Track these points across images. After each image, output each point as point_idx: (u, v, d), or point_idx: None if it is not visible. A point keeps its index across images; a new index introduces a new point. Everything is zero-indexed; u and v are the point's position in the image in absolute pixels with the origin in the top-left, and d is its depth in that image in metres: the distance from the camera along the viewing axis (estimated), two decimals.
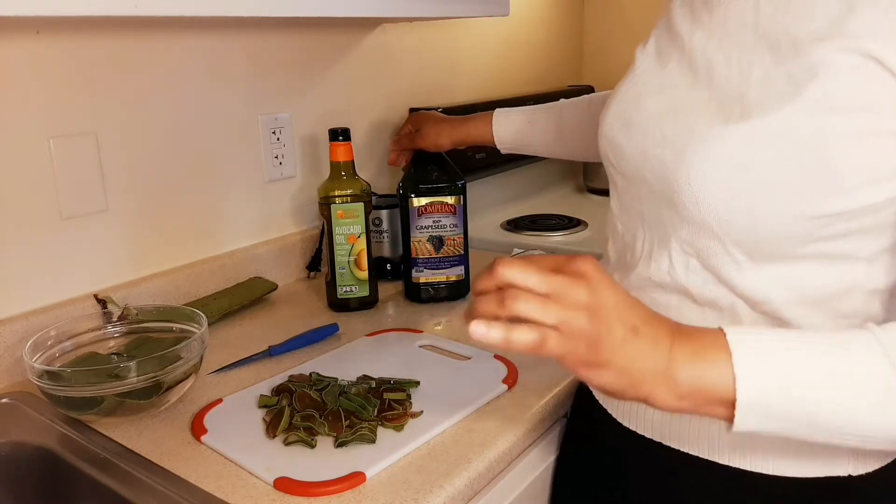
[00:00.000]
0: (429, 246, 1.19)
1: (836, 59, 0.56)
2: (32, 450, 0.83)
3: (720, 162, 0.60)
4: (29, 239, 1.00)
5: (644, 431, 0.74)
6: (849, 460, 0.65)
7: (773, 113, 0.58)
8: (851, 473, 0.65)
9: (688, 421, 0.69)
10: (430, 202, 1.18)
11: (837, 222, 0.59)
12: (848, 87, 0.55)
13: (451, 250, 1.20)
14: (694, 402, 0.53)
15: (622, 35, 2.14)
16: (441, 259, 1.20)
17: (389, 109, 1.53)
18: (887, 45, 0.54)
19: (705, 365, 0.52)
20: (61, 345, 0.91)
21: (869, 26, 0.55)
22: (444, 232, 1.19)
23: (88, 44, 1.03)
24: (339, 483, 0.71)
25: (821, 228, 0.59)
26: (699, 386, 0.52)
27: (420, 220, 1.18)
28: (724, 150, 0.60)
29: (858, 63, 0.55)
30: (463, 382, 0.91)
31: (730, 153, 0.59)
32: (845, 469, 0.65)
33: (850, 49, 0.55)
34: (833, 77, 0.56)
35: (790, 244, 0.60)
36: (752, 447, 0.67)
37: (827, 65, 0.56)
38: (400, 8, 1.10)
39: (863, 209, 0.58)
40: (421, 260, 1.19)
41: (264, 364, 0.99)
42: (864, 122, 0.55)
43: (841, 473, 0.65)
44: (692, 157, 0.61)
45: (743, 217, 0.60)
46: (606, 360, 0.52)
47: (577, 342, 0.51)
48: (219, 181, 1.23)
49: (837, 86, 0.56)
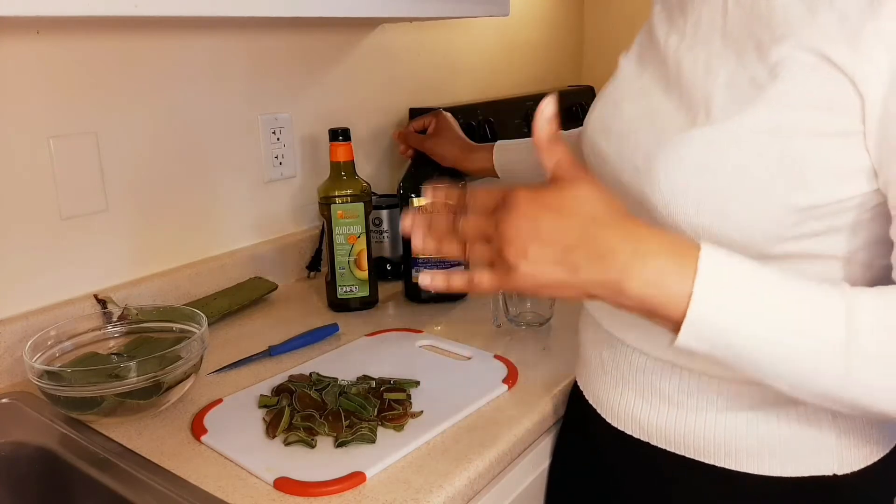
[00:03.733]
0: None
1: (795, 59, 0.56)
2: (32, 450, 0.83)
3: (686, 166, 0.61)
4: (29, 239, 1.00)
5: (632, 432, 0.74)
6: (833, 460, 0.66)
7: (736, 115, 0.59)
8: (836, 472, 0.66)
9: (674, 422, 0.70)
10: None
11: (807, 220, 0.59)
12: (805, 86, 0.56)
13: None
14: (642, 311, 0.56)
15: (622, 35, 2.14)
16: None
17: (389, 109, 1.53)
18: (840, 47, 0.54)
19: (661, 284, 0.54)
20: (61, 345, 0.91)
21: (824, 28, 0.56)
22: None
23: (88, 44, 1.03)
24: (339, 483, 0.71)
25: (791, 227, 0.59)
26: (648, 300, 0.54)
27: None
28: (690, 154, 0.61)
29: (814, 63, 0.56)
30: (463, 382, 0.91)
31: (695, 157, 0.60)
32: (830, 468, 0.66)
33: (806, 49, 0.56)
34: (791, 76, 0.57)
35: (763, 244, 0.60)
36: (738, 448, 0.67)
37: (786, 64, 0.57)
38: (400, 8, 1.10)
39: (829, 206, 0.58)
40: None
41: (264, 364, 0.99)
42: (822, 121, 0.56)
43: (826, 473, 0.66)
44: (660, 163, 0.62)
45: (712, 219, 0.60)
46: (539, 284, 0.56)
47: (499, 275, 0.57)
48: (219, 181, 1.23)
49: (795, 84, 0.57)
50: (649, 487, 0.75)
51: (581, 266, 0.55)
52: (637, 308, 0.56)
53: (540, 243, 0.55)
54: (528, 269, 0.55)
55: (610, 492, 0.80)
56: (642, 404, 0.72)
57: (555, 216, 0.55)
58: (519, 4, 1.85)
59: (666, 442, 0.71)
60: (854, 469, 0.66)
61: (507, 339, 1.05)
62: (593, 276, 0.55)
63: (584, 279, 0.55)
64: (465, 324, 1.11)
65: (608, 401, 0.77)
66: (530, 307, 1.09)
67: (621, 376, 0.75)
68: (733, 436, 0.67)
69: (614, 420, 0.76)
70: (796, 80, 0.56)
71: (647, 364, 0.72)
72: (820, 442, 0.66)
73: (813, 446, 0.66)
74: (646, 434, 0.73)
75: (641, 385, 0.72)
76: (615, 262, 0.54)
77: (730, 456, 0.68)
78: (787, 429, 0.66)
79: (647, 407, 0.72)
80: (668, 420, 0.70)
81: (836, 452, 0.66)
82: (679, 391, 0.69)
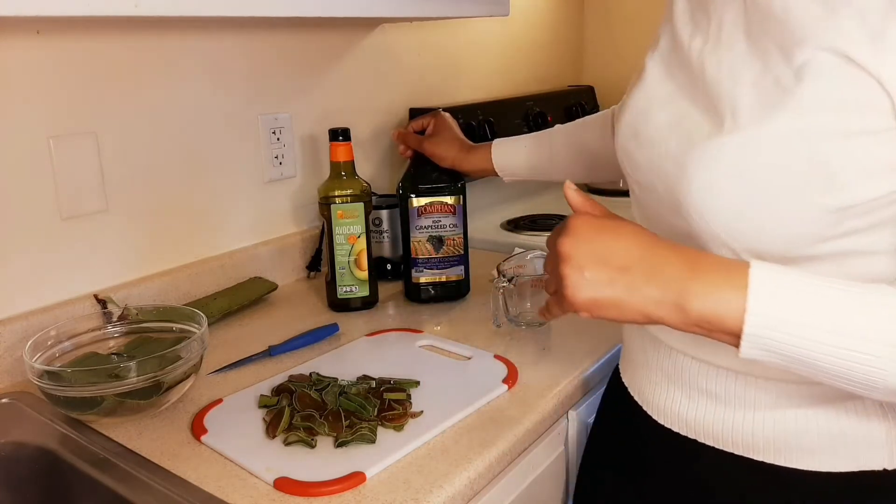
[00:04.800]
0: (428, 246, 1.19)
1: (818, 61, 0.57)
2: (33, 450, 0.83)
3: (718, 173, 0.61)
4: (29, 239, 1.00)
5: (679, 429, 0.75)
6: (884, 455, 0.66)
7: (764, 120, 0.59)
8: (887, 468, 0.66)
9: (721, 419, 0.70)
10: (429, 202, 1.18)
11: (846, 219, 0.59)
12: (830, 87, 0.57)
13: (451, 250, 1.20)
14: (705, 330, 0.57)
15: (622, 35, 2.14)
16: (441, 259, 1.20)
17: (389, 109, 1.53)
18: (862, 47, 0.55)
19: (718, 299, 0.55)
20: (61, 345, 0.91)
21: (845, 29, 0.56)
22: (444, 232, 1.19)
23: (88, 44, 1.03)
24: (339, 483, 0.71)
25: (831, 227, 0.59)
26: (709, 317, 0.56)
27: (420, 220, 1.18)
28: (721, 160, 0.61)
29: (837, 64, 0.56)
30: (463, 382, 0.91)
31: (726, 163, 0.61)
32: (880, 463, 0.66)
33: (828, 50, 0.56)
34: (815, 78, 0.57)
35: (802, 246, 0.61)
36: (787, 445, 0.67)
37: (810, 67, 0.57)
38: (400, 8, 1.10)
39: (865, 204, 0.58)
40: (421, 260, 1.19)
41: (264, 364, 0.99)
42: (850, 121, 0.56)
43: (876, 468, 0.66)
44: (692, 170, 0.63)
45: (748, 224, 0.61)
46: (593, 299, 0.59)
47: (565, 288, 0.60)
48: (219, 181, 1.23)
49: (820, 87, 0.57)
50: (693, 483, 0.75)
51: (639, 286, 0.57)
52: (698, 326, 0.57)
53: (597, 264, 0.58)
54: (586, 288, 0.59)
55: (649, 486, 0.80)
56: (688, 403, 0.73)
57: (611, 238, 0.59)
58: (519, 4, 1.85)
59: (713, 439, 0.71)
60: None
61: (507, 339, 1.05)
62: (652, 294, 0.57)
63: (643, 298, 0.57)
64: (465, 324, 1.11)
65: (653, 398, 0.77)
66: (530, 307, 1.09)
67: (665, 375, 0.75)
68: (783, 432, 0.67)
69: (660, 417, 0.77)
70: (822, 82, 0.57)
71: (691, 365, 0.72)
72: (870, 437, 0.66)
73: (863, 441, 0.66)
74: (693, 431, 0.73)
75: (687, 384, 0.73)
76: (673, 281, 0.57)
77: (779, 452, 0.68)
78: (837, 424, 0.66)
79: (693, 405, 0.72)
80: (715, 418, 0.71)
81: (886, 447, 0.66)
82: (726, 391, 0.69)
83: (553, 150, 1.12)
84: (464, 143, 1.19)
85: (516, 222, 1.63)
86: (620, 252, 0.58)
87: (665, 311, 0.57)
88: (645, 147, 0.71)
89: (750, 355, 0.56)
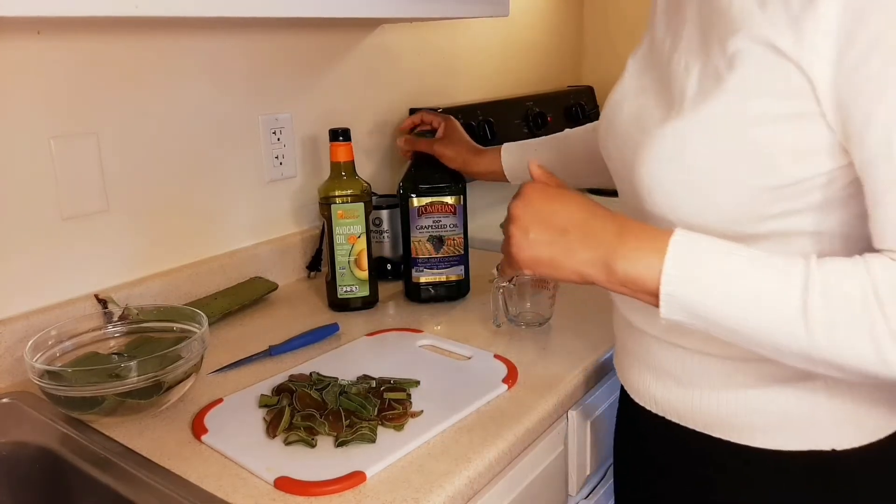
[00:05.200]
0: (429, 246, 1.19)
1: (748, 50, 0.60)
2: (33, 449, 0.83)
3: (661, 159, 0.65)
4: (30, 239, 1.00)
5: (651, 408, 0.80)
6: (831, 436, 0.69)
7: (699, 107, 0.63)
8: (835, 448, 0.69)
9: (682, 399, 0.75)
10: (430, 202, 1.18)
11: (781, 200, 0.62)
12: (758, 74, 0.60)
13: (451, 250, 1.20)
14: (629, 290, 0.63)
15: (622, 35, 2.14)
16: (441, 259, 1.20)
17: (389, 109, 1.53)
18: (785, 35, 0.58)
19: (640, 261, 0.61)
20: (62, 345, 0.91)
21: (772, 19, 0.59)
22: (445, 232, 1.19)
23: (89, 44, 1.03)
24: (340, 483, 0.71)
25: (766, 206, 0.63)
26: (632, 276, 0.62)
27: (420, 219, 1.18)
28: (663, 147, 0.65)
29: (763, 52, 0.59)
30: (463, 382, 0.91)
31: (667, 149, 0.65)
32: (828, 444, 0.69)
33: (757, 40, 0.60)
34: (744, 66, 0.60)
35: (744, 224, 0.64)
36: (740, 424, 0.72)
37: (741, 55, 0.61)
38: (400, 8, 1.10)
39: (797, 185, 0.62)
40: (421, 260, 1.19)
41: (264, 364, 1.00)
42: (777, 106, 0.60)
43: (824, 448, 0.69)
44: (641, 156, 0.67)
45: (689, 205, 0.65)
46: (533, 258, 0.66)
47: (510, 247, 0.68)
48: (219, 181, 1.23)
49: (749, 74, 0.60)
50: (671, 458, 0.81)
51: (574, 247, 0.64)
52: (624, 286, 0.63)
53: (539, 225, 0.66)
54: (528, 246, 0.66)
55: (645, 462, 0.87)
56: (656, 383, 0.79)
57: (557, 204, 0.66)
58: (519, 4, 1.86)
59: (678, 417, 0.77)
60: (854, 446, 0.69)
61: (507, 339, 1.05)
62: (585, 255, 0.64)
63: (577, 259, 0.64)
64: (465, 324, 1.11)
65: (632, 381, 0.83)
66: (530, 307, 1.09)
67: (636, 358, 0.81)
68: (737, 411, 0.71)
69: (638, 398, 0.83)
70: (750, 69, 0.60)
71: (652, 345, 0.77)
72: (816, 418, 0.69)
73: (810, 422, 0.69)
74: (662, 410, 0.79)
75: (653, 365, 0.78)
76: (604, 244, 0.63)
77: (734, 430, 0.72)
78: (787, 405, 0.69)
79: (660, 386, 0.78)
80: (677, 397, 0.76)
81: (833, 429, 0.69)
82: (684, 371, 0.74)
83: (563, 153, 1.14)
84: (472, 146, 1.21)
85: None
86: (562, 216, 0.65)
87: (595, 270, 0.64)
88: (613, 137, 0.76)
89: (670, 315, 0.61)
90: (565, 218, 0.65)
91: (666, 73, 0.70)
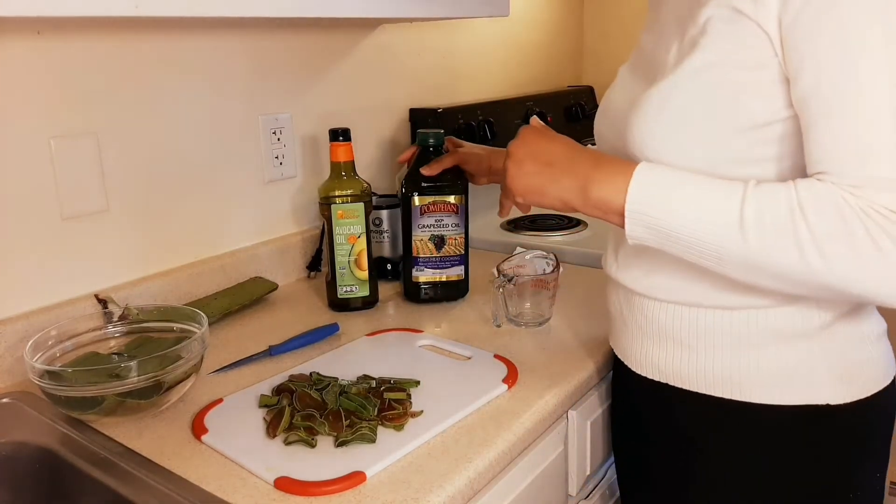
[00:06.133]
0: (430, 245, 1.18)
1: (717, 16, 0.69)
2: (33, 449, 0.83)
3: (650, 113, 0.74)
4: (30, 239, 1.00)
5: (653, 376, 0.85)
6: (826, 391, 0.76)
7: (679, 65, 0.73)
8: (830, 402, 0.76)
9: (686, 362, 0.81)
10: (432, 201, 1.17)
11: (755, 145, 0.71)
12: (726, 34, 0.69)
13: (452, 250, 1.19)
14: (601, 211, 0.74)
15: (622, 36, 2.14)
16: (442, 258, 1.20)
17: (389, 109, 1.53)
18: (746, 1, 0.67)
19: (610, 185, 0.72)
20: (62, 345, 0.91)
21: None
22: (446, 231, 1.18)
23: (89, 44, 1.03)
24: (340, 483, 0.71)
25: (743, 151, 0.71)
26: (604, 199, 0.73)
27: (422, 218, 1.17)
28: (652, 103, 0.74)
29: (730, 16, 0.69)
30: (463, 382, 0.91)
31: (657, 104, 0.74)
32: (823, 398, 0.76)
33: (724, 6, 0.69)
34: (715, 29, 0.70)
35: (723, 167, 0.71)
36: (741, 380, 0.78)
37: (711, 21, 0.70)
38: (400, 8, 1.10)
39: (767, 126, 0.70)
40: (422, 259, 1.19)
41: (264, 364, 1.00)
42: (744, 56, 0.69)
43: (820, 402, 0.76)
44: (632, 121, 0.76)
45: (676, 153, 0.72)
46: (525, 186, 0.79)
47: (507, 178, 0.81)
48: (219, 181, 1.23)
49: (719, 35, 0.69)
50: (671, 426, 0.86)
51: (558, 177, 0.76)
52: (597, 208, 0.74)
53: (530, 158, 0.78)
54: (520, 176, 0.79)
55: (641, 435, 0.92)
56: (659, 351, 0.84)
57: (546, 142, 0.79)
58: (519, 5, 1.86)
59: (681, 381, 0.82)
60: (847, 400, 0.76)
61: (507, 339, 1.05)
62: (566, 183, 0.76)
63: (560, 186, 0.76)
64: (465, 324, 1.11)
65: (632, 352, 0.88)
66: (530, 307, 1.09)
67: (637, 328, 0.86)
68: (738, 369, 0.78)
69: (639, 368, 0.87)
70: (719, 31, 0.69)
71: (657, 310, 0.82)
72: (813, 374, 0.76)
73: (807, 377, 0.76)
74: (664, 375, 0.84)
75: (657, 333, 0.83)
76: (582, 172, 0.75)
77: (735, 387, 0.78)
78: (785, 361, 0.76)
79: (663, 353, 0.83)
80: (681, 361, 0.81)
81: (828, 384, 0.76)
82: (689, 334, 0.80)
83: None
84: (486, 147, 1.21)
85: (516, 222, 1.63)
86: (550, 152, 0.78)
87: (574, 195, 0.75)
88: (608, 121, 0.85)
89: (634, 234, 0.72)
90: (553, 153, 0.77)
91: (651, 63, 0.80)
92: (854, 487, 0.81)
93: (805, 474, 0.79)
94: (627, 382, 0.91)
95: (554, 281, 1.08)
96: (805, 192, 0.65)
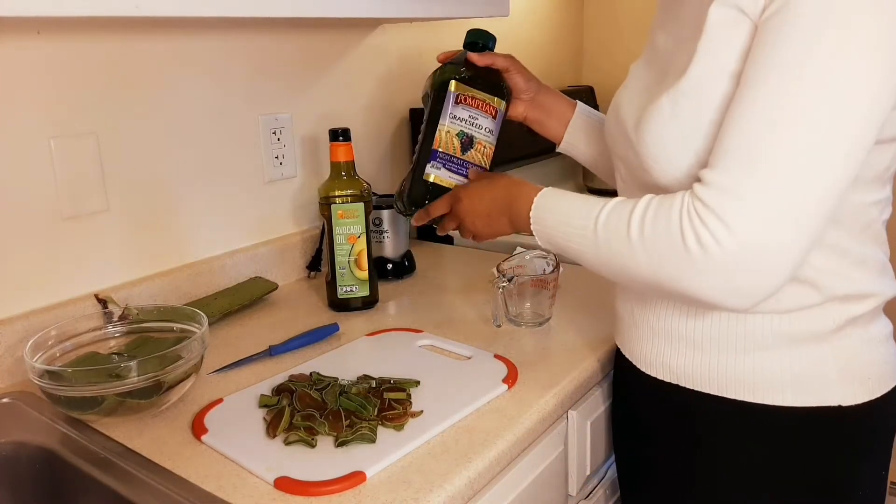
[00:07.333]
0: (456, 141, 0.99)
1: (722, 15, 0.69)
2: (33, 449, 0.83)
3: (661, 126, 0.74)
4: (29, 239, 1.00)
5: (664, 377, 0.85)
6: (837, 393, 0.77)
7: (686, 71, 0.72)
8: (841, 404, 0.76)
9: (699, 363, 0.81)
10: (472, 94, 0.99)
11: None
12: (730, 34, 0.69)
13: (478, 157, 1.01)
14: (527, 232, 0.86)
15: (622, 35, 2.14)
16: (463, 162, 1.00)
17: (389, 109, 1.53)
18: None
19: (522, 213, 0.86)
20: (62, 345, 0.91)
21: None
22: (478, 133, 1.00)
23: (89, 44, 1.03)
24: (340, 483, 0.71)
25: None
26: (523, 225, 0.86)
27: (456, 108, 0.98)
28: (661, 115, 0.74)
29: (735, 14, 0.68)
30: (463, 382, 0.91)
31: (668, 110, 0.73)
32: (835, 400, 0.76)
33: (728, 5, 0.69)
34: (721, 28, 0.70)
35: None
36: (755, 382, 0.78)
37: (716, 20, 0.70)
38: (400, 8, 1.10)
39: None
40: (441, 154, 0.98)
41: (264, 364, 1.00)
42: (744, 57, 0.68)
43: (831, 404, 0.76)
44: (644, 126, 0.76)
45: (686, 156, 0.73)
46: (478, 233, 0.95)
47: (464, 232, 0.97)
48: (219, 181, 1.23)
49: (723, 34, 0.70)
50: (679, 426, 0.86)
51: (494, 221, 0.92)
52: (524, 230, 0.86)
53: (474, 217, 0.94)
54: (473, 229, 0.95)
55: (644, 435, 0.92)
56: (672, 352, 0.83)
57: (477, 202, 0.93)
58: (519, 4, 1.86)
59: (693, 382, 0.82)
60: (858, 402, 0.77)
61: (507, 339, 1.05)
62: (501, 221, 0.91)
63: (499, 225, 0.91)
64: (465, 324, 1.11)
65: (642, 352, 0.88)
66: (530, 307, 1.09)
67: (649, 327, 0.86)
68: (751, 371, 0.78)
69: (649, 369, 0.87)
70: (724, 30, 0.69)
71: (672, 312, 0.82)
72: (824, 376, 0.76)
73: (819, 380, 0.76)
74: (675, 376, 0.84)
75: (670, 334, 0.83)
76: (505, 211, 0.89)
77: (748, 389, 0.78)
78: (798, 364, 0.76)
79: (675, 353, 0.83)
80: (694, 362, 0.81)
81: (839, 386, 0.77)
82: (703, 336, 0.80)
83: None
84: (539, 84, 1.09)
85: None
86: (483, 206, 0.92)
87: (509, 228, 0.90)
88: (618, 118, 0.85)
89: (542, 244, 0.84)
90: (485, 207, 0.92)
91: (666, 65, 0.79)
92: (859, 486, 0.81)
93: (811, 474, 0.79)
94: (631, 382, 0.91)
95: (554, 281, 1.07)
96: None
